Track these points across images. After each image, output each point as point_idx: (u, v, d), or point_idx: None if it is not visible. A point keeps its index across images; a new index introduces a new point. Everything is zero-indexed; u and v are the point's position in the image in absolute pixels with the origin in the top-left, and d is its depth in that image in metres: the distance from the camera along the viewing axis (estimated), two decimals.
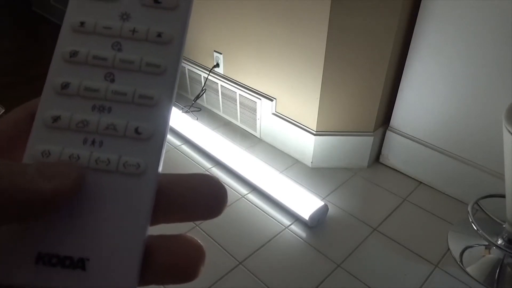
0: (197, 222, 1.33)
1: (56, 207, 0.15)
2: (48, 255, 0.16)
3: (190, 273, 0.17)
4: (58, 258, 0.16)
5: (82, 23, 0.18)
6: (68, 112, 0.17)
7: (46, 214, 0.15)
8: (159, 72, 0.17)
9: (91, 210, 0.16)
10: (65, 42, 0.18)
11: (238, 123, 1.90)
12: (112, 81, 0.17)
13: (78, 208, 0.16)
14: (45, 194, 0.15)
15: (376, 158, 1.69)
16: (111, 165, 0.16)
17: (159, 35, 0.18)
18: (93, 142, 0.17)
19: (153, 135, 0.17)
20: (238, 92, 1.80)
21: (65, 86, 0.17)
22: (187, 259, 0.17)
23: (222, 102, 1.93)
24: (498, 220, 1.28)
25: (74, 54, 0.17)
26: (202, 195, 0.17)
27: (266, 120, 1.74)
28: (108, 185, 0.16)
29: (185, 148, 1.73)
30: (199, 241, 0.17)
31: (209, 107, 2.04)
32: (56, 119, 0.17)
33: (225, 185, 0.18)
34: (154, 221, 0.17)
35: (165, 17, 0.18)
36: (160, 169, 0.17)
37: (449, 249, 1.28)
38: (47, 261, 0.16)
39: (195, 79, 2.02)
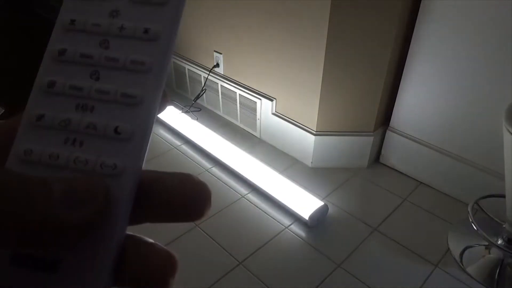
0: (197, 222, 1.32)
1: (85, 237, 0.15)
2: (22, 256, 0.16)
3: (159, 284, 0.16)
4: (32, 259, 0.16)
5: (72, 21, 0.17)
6: (53, 111, 0.17)
7: (72, 245, 0.15)
8: (144, 70, 0.17)
9: None
10: (55, 41, 0.18)
11: (238, 123, 1.90)
12: (97, 79, 0.17)
13: None
14: (74, 226, 0.14)
15: (376, 158, 1.69)
16: (89, 166, 0.16)
17: (145, 31, 0.17)
18: (74, 142, 0.16)
19: (134, 135, 0.16)
20: (238, 92, 1.80)
21: (51, 84, 0.17)
22: (157, 269, 0.16)
23: (222, 102, 1.93)
24: (498, 220, 1.28)
25: (62, 52, 0.17)
26: (181, 196, 0.16)
27: (266, 120, 1.74)
28: None
29: (185, 148, 1.73)
30: (172, 252, 0.16)
31: (209, 107, 2.03)
32: (40, 117, 0.17)
33: (225, 185, 0.17)
34: (137, 220, 0.17)
35: (154, 14, 0.17)
36: (141, 169, 0.17)
37: (449, 249, 1.27)
38: (21, 262, 0.15)
39: (195, 79, 2.02)
